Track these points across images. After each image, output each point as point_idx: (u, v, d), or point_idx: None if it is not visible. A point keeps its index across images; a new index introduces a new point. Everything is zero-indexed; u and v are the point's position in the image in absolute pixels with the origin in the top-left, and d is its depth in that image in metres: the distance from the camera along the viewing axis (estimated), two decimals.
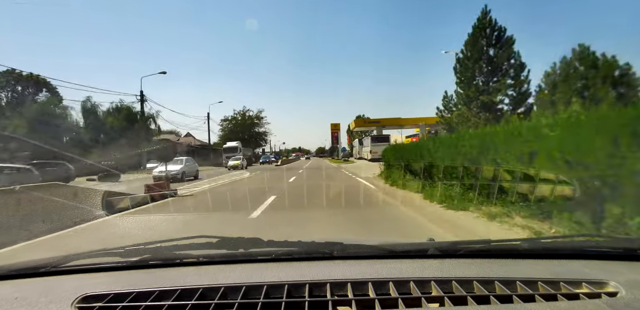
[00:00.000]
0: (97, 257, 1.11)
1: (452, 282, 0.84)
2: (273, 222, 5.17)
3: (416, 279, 0.86)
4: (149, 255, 1.09)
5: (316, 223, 4.91)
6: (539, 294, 0.77)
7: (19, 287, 0.96)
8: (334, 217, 5.31)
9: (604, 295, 0.76)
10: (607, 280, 0.82)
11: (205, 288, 0.84)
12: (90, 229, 5.26)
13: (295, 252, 1.08)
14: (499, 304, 0.73)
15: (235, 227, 4.90)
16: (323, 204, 6.45)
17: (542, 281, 0.82)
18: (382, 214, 5.68)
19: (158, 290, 0.84)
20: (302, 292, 0.83)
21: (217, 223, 5.36)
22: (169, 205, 7.54)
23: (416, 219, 5.08)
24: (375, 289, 0.83)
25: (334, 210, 5.80)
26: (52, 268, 1.06)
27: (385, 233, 4.23)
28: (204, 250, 1.08)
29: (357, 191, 8.75)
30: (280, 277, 0.90)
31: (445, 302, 0.76)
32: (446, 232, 4.17)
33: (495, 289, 0.81)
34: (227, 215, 5.89)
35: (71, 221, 5.45)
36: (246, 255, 1.07)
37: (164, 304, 0.78)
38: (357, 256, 1.07)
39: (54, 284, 0.99)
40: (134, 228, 5.40)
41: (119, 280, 0.96)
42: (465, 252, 1.06)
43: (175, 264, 1.08)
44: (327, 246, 1.08)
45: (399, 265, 0.97)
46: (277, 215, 5.77)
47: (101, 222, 5.72)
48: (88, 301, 0.83)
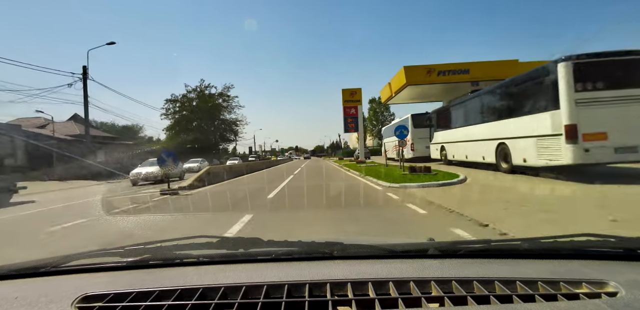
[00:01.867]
0: (97, 257, 1.11)
1: (452, 282, 0.84)
2: None
3: (416, 279, 0.86)
4: (149, 255, 1.10)
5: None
6: (539, 294, 0.77)
7: (19, 287, 0.96)
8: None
9: (604, 295, 0.76)
10: (607, 280, 0.82)
11: (205, 288, 0.84)
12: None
13: (295, 252, 1.08)
14: (499, 304, 0.73)
15: None
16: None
17: (542, 281, 0.82)
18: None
19: (158, 290, 0.84)
20: (302, 292, 0.83)
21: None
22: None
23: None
24: (375, 289, 0.83)
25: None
26: (52, 268, 1.06)
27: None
28: (204, 250, 1.08)
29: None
30: (280, 277, 0.90)
31: (445, 302, 0.76)
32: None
33: (495, 289, 0.81)
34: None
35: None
36: (246, 255, 1.07)
37: (164, 304, 0.78)
38: (357, 256, 1.07)
39: (54, 283, 0.99)
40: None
41: (119, 280, 0.96)
42: (465, 252, 1.06)
43: (175, 263, 1.08)
44: (327, 246, 1.08)
45: (399, 265, 0.98)
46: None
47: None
48: (88, 301, 0.83)
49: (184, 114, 43.68)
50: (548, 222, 4.34)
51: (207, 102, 43.65)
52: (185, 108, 43.89)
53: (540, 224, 4.30)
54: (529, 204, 5.55)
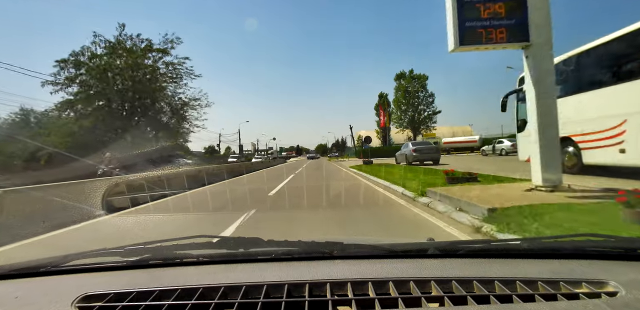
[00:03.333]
0: (97, 257, 1.11)
1: (452, 281, 0.84)
2: None
3: (416, 278, 0.86)
4: (149, 254, 1.10)
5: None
6: (539, 293, 0.77)
7: (19, 287, 0.96)
8: None
9: (604, 295, 0.76)
10: (607, 280, 0.82)
11: (205, 288, 0.84)
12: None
13: (295, 251, 1.08)
14: (499, 303, 0.74)
15: None
16: None
17: (542, 281, 0.82)
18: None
19: (158, 290, 0.84)
20: (302, 292, 0.83)
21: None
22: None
23: None
24: (375, 288, 0.83)
25: None
26: (52, 268, 1.06)
27: None
28: (204, 250, 1.08)
29: None
30: (280, 276, 0.90)
31: (445, 302, 0.76)
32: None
33: (495, 288, 0.81)
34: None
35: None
36: (246, 255, 1.08)
37: (164, 304, 0.78)
38: (357, 256, 1.07)
39: (54, 283, 0.99)
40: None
41: (119, 280, 0.96)
42: (465, 251, 1.06)
43: (175, 263, 1.08)
44: (327, 246, 1.08)
45: (399, 265, 0.98)
46: None
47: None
48: (88, 301, 0.83)
49: (90, 84, 24.28)
50: None
51: (134, 65, 24.54)
52: (94, 74, 24.26)
53: None
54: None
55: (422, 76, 43.82)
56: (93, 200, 6.92)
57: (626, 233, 3.06)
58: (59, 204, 6.21)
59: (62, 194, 6.37)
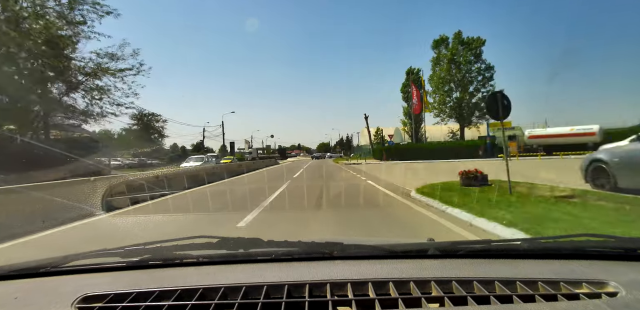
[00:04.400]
0: (97, 257, 1.11)
1: (452, 282, 0.84)
2: None
3: (416, 279, 0.86)
4: (149, 255, 1.09)
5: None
6: (539, 294, 0.77)
7: (19, 288, 0.96)
8: None
9: (604, 295, 0.76)
10: (607, 280, 0.82)
11: (205, 288, 0.84)
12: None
13: (295, 252, 1.08)
14: (499, 304, 0.74)
15: None
16: None
17: (542, 281, 0.82)
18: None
19: (158, 291, 0.84)
20: (302, 293, 0.83)
21: None
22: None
23: None
24: (375, 289, 0.83)
25: None
26: (52, 268, 1.06)
27: None
28: (204, 251, 1.08)
29: None
30: (280, 277, 0.90)
31: (445, 302, 0.76)
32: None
33: (495, 289, 0.81)
34: None
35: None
36: (246, 256, 1.07)
37: (164, 304, 0.78)
38: (357, 256, 1.06)
39: (54, 284, 0.99)
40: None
41: (119, 281, 0.96)
42: (465, 252, 1.06)
43: (175, 264, 1.08)
44: (327, 246, 1.08)
45: (399, 266, 0.97)
46: None
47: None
48: (88, 301, 0.83)
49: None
50: None
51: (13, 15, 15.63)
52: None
53: None
54: None
55: (476, 40, 29.05)
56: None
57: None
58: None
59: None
